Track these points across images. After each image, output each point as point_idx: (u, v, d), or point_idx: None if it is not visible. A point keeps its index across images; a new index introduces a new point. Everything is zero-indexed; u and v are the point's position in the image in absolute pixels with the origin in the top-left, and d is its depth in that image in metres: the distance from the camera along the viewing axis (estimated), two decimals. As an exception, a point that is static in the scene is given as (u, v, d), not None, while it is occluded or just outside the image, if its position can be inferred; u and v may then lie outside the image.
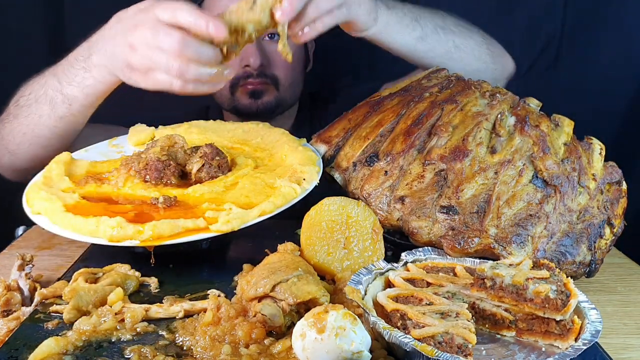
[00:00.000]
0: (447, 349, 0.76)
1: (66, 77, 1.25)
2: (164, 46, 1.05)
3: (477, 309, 0.90)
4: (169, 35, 1.04)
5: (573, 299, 0.84)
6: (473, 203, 1.07)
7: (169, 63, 1.06)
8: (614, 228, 1.10)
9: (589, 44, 2.02)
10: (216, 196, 1.10)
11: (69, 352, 0.82)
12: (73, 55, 1.26)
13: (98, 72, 1.21)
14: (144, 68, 1.10)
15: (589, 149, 1.15)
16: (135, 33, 1.09)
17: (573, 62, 2.04)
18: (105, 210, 1.06)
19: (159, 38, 1.05)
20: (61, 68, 1.27)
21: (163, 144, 1.19)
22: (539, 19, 2.04)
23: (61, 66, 1.27)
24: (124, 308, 0.91)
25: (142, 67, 1.10)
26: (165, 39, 1.05)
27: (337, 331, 0.74)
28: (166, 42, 1.05)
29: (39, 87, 1.29)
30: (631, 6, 1.98)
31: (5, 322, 0.93)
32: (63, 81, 1.25)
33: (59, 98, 1.26)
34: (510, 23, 2.05)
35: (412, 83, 1.31)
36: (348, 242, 1.02)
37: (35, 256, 1.05)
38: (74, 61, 1.24)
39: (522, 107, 1.19)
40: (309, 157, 1.20)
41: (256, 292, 0.88)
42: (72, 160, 1.26)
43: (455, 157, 1.11)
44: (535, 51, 2.06)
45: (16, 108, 1.33)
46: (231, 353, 0.81)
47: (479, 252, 1.03)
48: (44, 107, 1.27)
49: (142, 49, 1.08)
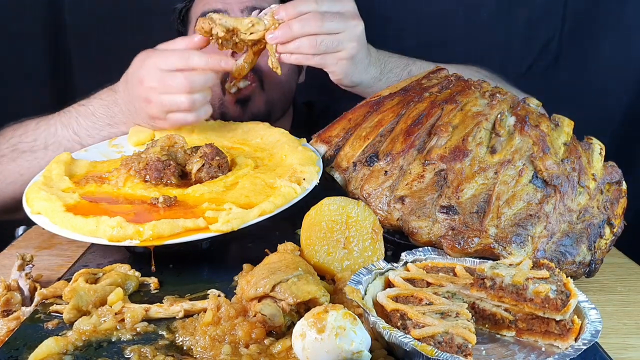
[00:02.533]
0: (447, 349, 0.76)
1: (86, 131, 1.37)
2: (172, 90, 1.23)
3: (477, 309, 0.90)
4: (175, 78, 1.22)
5: (573, 299, 0.84)
6: (473, 203, 1.07)
7: (179, 101, 1.24)
8: (614, 228, 1.10)
9: (589, 44, 2.02)
10: (216, 196, 1.10)
11: (69, 352, 0.82)
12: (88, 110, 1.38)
13: (126, 127, 1.37)
14: (162, 114, 1.27)
15: (589, 149, 1.15)
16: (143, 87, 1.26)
17: (573, 62, 2.04)
18: (105, 210, 1.06)
19: (167, 84, 1.23)
20: (75, 122, 1.37)
21: (163, 144, 1.19)
22: (539, 19, 2.04)
23: (74, 120, 1.38)
24: (124, 308, 0.91)
25: (160, 114, 1.27)
26: (172, 83, 1.23)
27: (337, 331, 0.74)
28: (175, 85, 1.23)
29: (47, 135, 1.38)
30: (631, 6, 1.98)
31: (5, 322, 0.93)
32: (82, 134, 1.37)
33: (76, 147, 1.36)
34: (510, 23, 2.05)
35: (412, 83, 1.31)
36: (348, 242, 1.02)
37: (35, 256, 1.05)
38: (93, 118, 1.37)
39: (522, 107, 1.19)
40: (309, 157, 1.20)
41: (256, 292, 0.88)
42: (72, 160, 1.26)
43: (455, 157, 1.11)
44: (535, 51, 2.06)
45: (14, 152, 1.39)
46: (231, 353, 0.81)
47: (479, 252, 1.03)
48: (56, 153, 1.33)
49: (155, 98, 1.25)
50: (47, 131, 1.38)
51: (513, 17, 2.05)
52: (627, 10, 1.98)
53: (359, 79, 1.36)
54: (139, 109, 1.31)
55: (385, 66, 1.42)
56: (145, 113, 1.30)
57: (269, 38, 1.24)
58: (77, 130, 1.37)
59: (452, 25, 2.06)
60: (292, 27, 1.23)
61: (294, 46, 1.25)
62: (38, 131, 1.39)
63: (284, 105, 1.76)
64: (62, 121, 1.39)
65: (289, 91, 1.77)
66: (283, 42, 1.24)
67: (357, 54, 1.30)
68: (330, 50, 1.27)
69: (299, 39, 1.24)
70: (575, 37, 2.03)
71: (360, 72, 1.35)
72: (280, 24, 1.24)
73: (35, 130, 1.40)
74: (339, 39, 1.26)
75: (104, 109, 1.37)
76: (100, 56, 2.05)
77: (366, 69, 1.36)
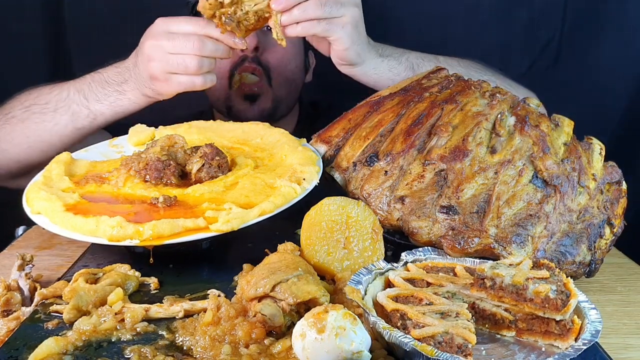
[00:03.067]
0: (447, 349, 0.76)
1: (95, 95, 1.37)
2: (183, 50, 1.22)
3: (477, 309, 0.90)
4: (188, 39, 1.22)
5: (573, 299, 0.84)
6: (473, 203, 1.07)
7: (187, 62, 1.23)
8: (614, 228, 1.10)
9: (589, 44, 2.02)
10: (216, 196, 1.10)
11: (69, 352, 0.82)
12: (101, 77, 1.39)
13: (133, 95, 1.35)
14: (163, 75, 1.26)
15: (589, 149, 1.15)
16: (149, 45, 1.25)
17: (573, 62, 2.04)
18: (105, 210, 1.06)
19: (178, 44, 1.22)
20: (87, 86, 1.38)
21: (163, 144, 1.19)
22: (539, 19, 2.04)
23: (87, 85, 1.39)
24: (124, 308, 0.91)
25: (162, 74, 1.26)
26: (185, 44, 1.22)
27: (337, 331, 0.74)
28: (187, 46, 1.22)
29: (59, 99, 1.39)
30: (631, 6, 1.98)
31: (5, 322, 0.93)
32: (91, 99, 1.37)
33: (83, 112, 1.37)
34: (510, 23, 2.05)
35: (412, 83, 1.31)
36: (348, 242, 1.02)
37: (35, 256, 1.05)
38: (105, 83, 1.37)
39: (522, 107, 1.19)
40: (309, 157, 1.20)
41: (256, 292, 0.88)
42: (72, 160, 1.26)
43: (455, 157, 1.11)
44: (535, 51, 2.06)
45: (25, 112, 1.41)
46: (231, 353, 0.81)
47: (479, 252, 1.03)
48: (63, 117, 1.37)
49: (159, 57, 1.24)
50: (60, 95, 1.40)
51: (513, 17, 2.05)
52: (627, 10, 1.98)
53: (364, 55, 1.34)
54: (142, 70, 1.29)
55: (383, 50, 1.41)
56: (148, 73, 1.28)
57: (273, 4, 1.20)
58: (87, 95, 1.38)
59: (452, 25, 2.06)
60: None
61: (298, 12, 1.21)
62: (51, 95, 1.41)
63: (290, 102, 1.76)
64: (76, 86, 1.40)
65: (295, 89, 1.78)
66: (287, 8, 1.20)
67: (360, 20, 1.30)
68: (335, 14, 1.25)
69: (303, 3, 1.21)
70: (575, 37, 2.03)
71: (363, 44, 1.33)
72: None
73: (49, 94, 1.41)
74: (342, 2, 1.25)
75: (117, 75, 1.38)
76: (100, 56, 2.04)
77: (367, 48, 1.35)
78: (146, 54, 1.26)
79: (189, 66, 1.24)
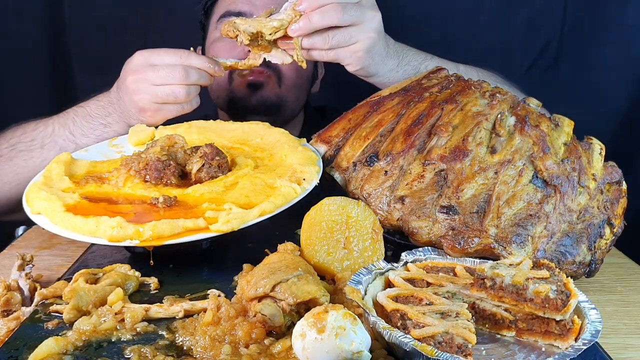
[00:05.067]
0: (447, 349, 0.76)
1: (81, 130, 1.39)
2: (170, 81, 1.28)
3: (477, 309, 0.90)
4: (173, 69, 1.28)
5: (573, 299, 0.84)
6: (473, 203, 1.07)
7: (176, 92, 1.29)
8: (614, 228, 1.10)
9: (589, 44, 2.02)
10: (216, 196, 1.10)
11: (69, 352, 0.82)
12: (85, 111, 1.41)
13: (118, 126, 1.39)
14: (152, 106, 1.31)
15: (589, 149, 1.15)
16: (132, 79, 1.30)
17: (573, 62, 2.04)
18: (105, 210, 1.06)
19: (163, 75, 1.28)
20: (72, 121, 1.40)
21: (163, 144, 1.19)
22: (539, 19, 2.04)
23: (71, 119, 1.41)
24: (124, 308, 0.91)
25: (150, 105, 1.31)
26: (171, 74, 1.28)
27: (337, 331, 0.74)
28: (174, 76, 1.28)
29: (44, 136, 1.41)
30: (631, 7, 1.98)
31: (5, 322, 0.93)
32: (76, 133, 1.39)
33: (70, 147, 1.38)
34: (510, 23, 2.05)
35: (412, 83, 1.31)
36: (348, 242, 1.02)
37: (35, 256, 1.05)
38: (89, 117, 1.40)
39: (522, 107, 1.19)
40: (309, 157, 1.20)
41: (256, 292, 0.88)
42: (72, 160, 1.26)
43: (455, 157, 1.11)
44: (535, 51, 2.06)
45: (12, 151, 1.42)
46: (231, 353, 0.81)
47: (479, 252, 1.03)
48: (51, 152, 1.38)
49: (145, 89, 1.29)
50: (45, 131, 1.41)
51: (513, 18, 2.05)
52: (627, 10, 1.99)
53: (376, 70, 1.36)
54: (129, 103, 1.33)
55: (403, 58, 1.41)
56: (135, 106, 1.33)
57: (290, 30, 1.24)
58: (73, 130, 1.39)
59: (453, 25, 2.06)
60: (312, 19, 1.23)
61: (307, 43, 1.25)
62: (36, 131, 1.42)
63: (294, 107, 1.76)
64: (60, 121, 1.41)
65: (302, 97, 1.77)
66: (304, 33, 1.24)
67: (374, 45, 1.30)
68: (343, 44, 1.27)
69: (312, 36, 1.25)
70: (575, 37, 2.03)
71: (377, 63, 1.34)
72: (301, 15, 1.24)
73: (34, 131, 1.42)
74: (352, 32, 1.26)
75: (100, 109, 1.40)
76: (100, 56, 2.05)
77: (384, 60, 1.36)
78: (131, 88, 1.31)
79: (178, 95, 1.29)
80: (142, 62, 1.30)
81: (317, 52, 1.28)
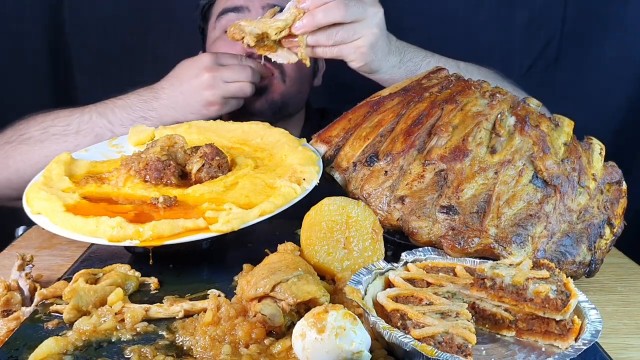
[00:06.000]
0: (447, 349, 0.76)
1: (120, 120, 1.45)
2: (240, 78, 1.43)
3: (477, 309, 0.90)
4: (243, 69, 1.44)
5: (573, 299, 0.84)
6: (473, 203, 1.07)
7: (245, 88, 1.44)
8: (614, 228, 1.10)
9: (589, 44, 2.02)
10: (216, 196, 1.10)
11: (69, 352, 0.82)
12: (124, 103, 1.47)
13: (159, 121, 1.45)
14: (221, 100, 1.43)
15: (589, 149, 1.15)
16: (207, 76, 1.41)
17: (573, 62, 2.04)
18: (105, 210, 1.06)
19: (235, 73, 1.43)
20: (111, 111, 1.46)
21: (163, 144, 1.19)
22: (539, 18, 2.04)
23: (110, 110, 1.46)
24: (124, 308, 0.91)
25: (219, 99, 1.43)
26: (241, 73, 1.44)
27: (337, 331, 0.74)
28: (243, 75, 1.44)
29: (81, 122, 1.45)
30: (631, 6, 1.98)
31: (5, 322, 0.93)
32: (115, 123, 1.45)
33: (107, 135, 1.44)
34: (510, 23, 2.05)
35: (412, 83, 1.31)
36: (348, 242, 1.02)
37: (35, 256, 1.05)
38: (129, 109, 1.46)
39: (522, 107, 1.19)
40: (309, 157, 1.20)
41: (256, 292, 0.88)
42: (72, 160, 1.26)
43: (455, 157, 1.11)
44: (535, 51, 2.06)
45: (43, 134, 1.46)
46: (231, 353, 0.81)
47: (479, 252, 1.03)
48: (86, 138, 1.43)
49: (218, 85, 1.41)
50: (81, 118, 1.45)
51: (513, 17, 2.05)
52: (627, 10, 1.99)
53: (379, 66, 1.37)
54: (195, 97, 1.42)
55: (404, 55, 1.43)
56: (204, 100, 1.42)
57: (294, 28, 1.26)
58: (112, 120, 1.44)
59: (452, 25, 2.06)
60: (315, 16, 1.24)
61: (312, 40, 1.27)
62: (72, 117, 1.46)
63: (297, 103, 1.76)
64: (98, 110, 1.46)
65: (305, 90, 1.78)
66: (308, 31, 1.26)
67: (377, 41, 1.32)
68: (346, 40, 1.29)
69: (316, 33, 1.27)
70: (575, 37, 2.03)
71: (380, 59, 1.36)
72: (305, 13, 1.25)
73: (69, 117, 1.46)
74: (355, 28, 1.28)
75: (142, 103, 1.46)
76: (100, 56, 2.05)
77: (386, 57, 1.38)
78: (205, 84, 1.41)
79: (246, 91, 1.44)
80: (213, 61, 1.42)
81: (321, 49, 1.30)
